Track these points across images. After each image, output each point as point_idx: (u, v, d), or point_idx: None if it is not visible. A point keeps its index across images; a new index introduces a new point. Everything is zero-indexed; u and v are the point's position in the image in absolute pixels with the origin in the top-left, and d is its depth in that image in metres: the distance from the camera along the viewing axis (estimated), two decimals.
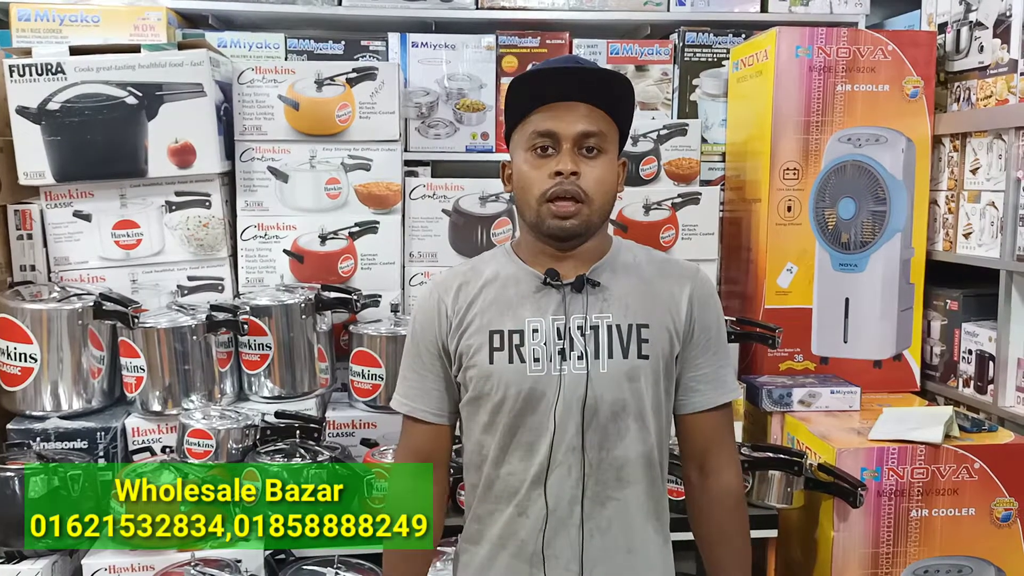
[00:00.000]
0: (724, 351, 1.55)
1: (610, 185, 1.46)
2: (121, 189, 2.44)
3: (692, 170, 2.69)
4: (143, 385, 2.27)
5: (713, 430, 1.55)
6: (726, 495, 1.55)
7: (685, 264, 1.59)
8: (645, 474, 1.49)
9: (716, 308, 1.55)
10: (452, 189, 2.64)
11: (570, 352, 1.45)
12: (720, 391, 1.54)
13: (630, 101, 1.50)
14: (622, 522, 1.49)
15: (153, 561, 2.00)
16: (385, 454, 2.20)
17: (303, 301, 2.37)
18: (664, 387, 1.51)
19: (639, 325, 1.47)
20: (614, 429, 1.47)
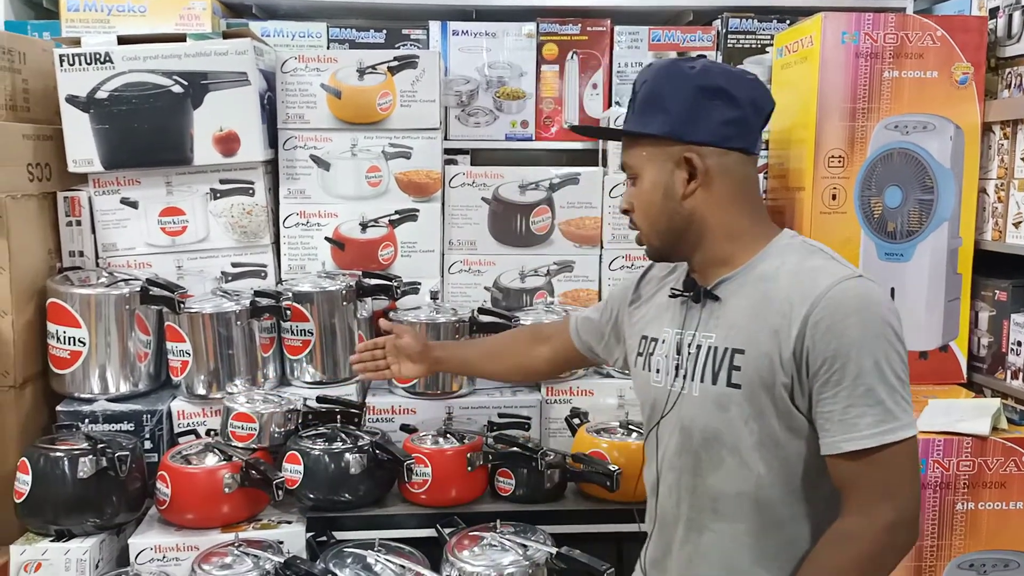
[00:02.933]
0: (861, 388, 1.29)
1: (649, 205, 1.47)
2: (167, 177, 2.48)
3: None
4: (188, 369, 2.31)
5: (842, 479, 1.34)
6: (832, 531, 1.36)
7: (821, 280, 1.34)
8: (750, 514, 1.41)
9: (847, 336, 1.29)
10: (492, 177, 2.64)
11: (680, 369, 1.47)
12: (845, 436, 1.30)
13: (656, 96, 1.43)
14: (721, 556, 1.44)
15: (197, 541, 2.03)
16: (424, 439, 2.21)
17: (344, 288, 2.38)
18: (780, 421, 1.36)
19: (734, 350, 1.40)
20: (706, 457, 1.43)
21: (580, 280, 2.66)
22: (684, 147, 1.43)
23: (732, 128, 1.43)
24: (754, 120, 1.46)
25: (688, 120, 1.41)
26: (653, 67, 1.47)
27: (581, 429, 2.28)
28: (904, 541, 1.33)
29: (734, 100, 1.42)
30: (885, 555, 1.32)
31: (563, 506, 2.18)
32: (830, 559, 1.34)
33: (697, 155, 1.42)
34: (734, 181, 1.45)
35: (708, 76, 1.42)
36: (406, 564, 1.94)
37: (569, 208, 2.65)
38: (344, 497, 2.10)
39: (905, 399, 1.32)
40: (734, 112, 1.42)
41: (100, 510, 2.01)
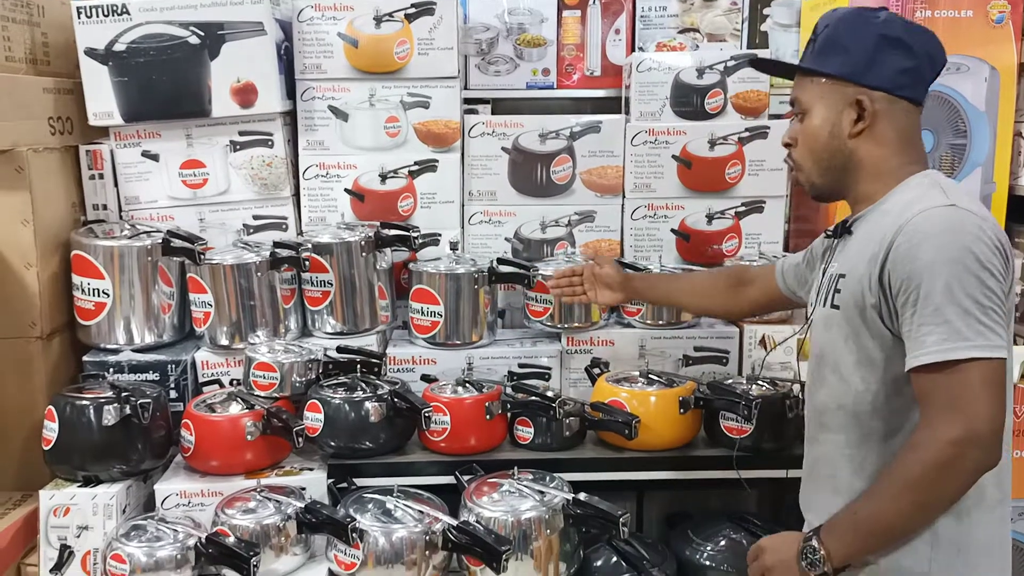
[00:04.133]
0: (929, 308, 1.35)
1: (812, 142, 1.56)
2: (187, 129, 2.48)
3: (761, 103, 2.60)
4: (211, 320, 2.33)
5: (918, 395, 1.40)
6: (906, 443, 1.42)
7: (915, 208, 1.42)
8: (849, 427, 1.52)
9: (921, 259, 1.36)
10: (512, 126, 2.61)
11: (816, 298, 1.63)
12: (914, 352, 1.37)
13: (837, 39, 1.51)
14: (828, 465, 1.58)
15: (221, 487, 2.07)
16: (444, 389, 2.22)
17: (363, 239, 2.38)
18: (875, 341, 1.46)
19: (839, 275, 1.54)
20: (817, 375, 1.60)
21: (602, 230, 2.63)
22: (858, 89, 1.50)
23: (905, 77, 1.50)
24: (927, 72, 1.53)
25: (866, 64, 1.49)
26: (838, 12, 1.55)
27: (601, 378, 2.27)
28: (974, 459, 1.34)
29: (911, 51, 1.50)
30: (949, 469, 1.35)
31: (582, 454, 2.18)
32: (900, 465, 1.40)
33: (868, 98, 1.50)
34: (897, 127, 1.52)
35: (890, 26, 1.50)
36: (424, 509, 1.96)
37: (591, 157, 2.61)
38: (364, 445, 2.12)
39: (981, 323, 1.34)
40: (910, 62, 1.50)
41: (125, 457, 2.05)
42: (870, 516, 1.42)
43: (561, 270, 2.31)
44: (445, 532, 1.91)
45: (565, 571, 1.96)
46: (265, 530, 1.93)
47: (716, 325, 2.52)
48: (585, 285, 2.24)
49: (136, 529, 1.96)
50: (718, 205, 2.62)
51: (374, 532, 1.89)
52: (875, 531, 1.42)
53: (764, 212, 2.63)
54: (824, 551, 1.43)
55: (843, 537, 1.44)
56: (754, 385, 2.22)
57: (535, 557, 1.92)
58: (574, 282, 2.26)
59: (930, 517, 1.42)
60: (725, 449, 2.17)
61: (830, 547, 1.43)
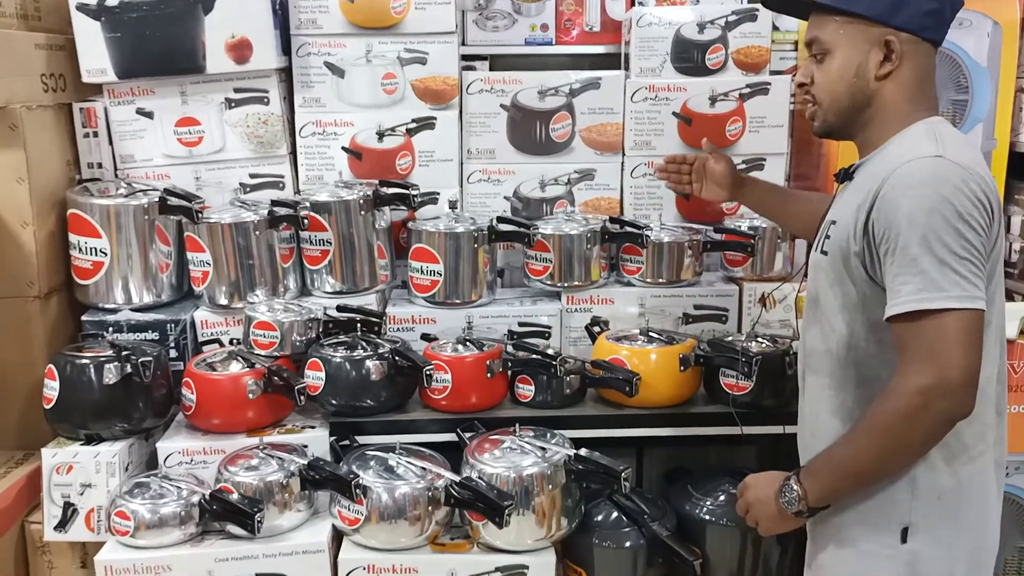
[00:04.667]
0: (906, 258, 1.36)
1: (836, 82, 1.53)
2: (181, 86, 2.45)
3: (761, 58, 2.57)
4: (209, 279, 2.32)
5: (896, 343, 1.40)
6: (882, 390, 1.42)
7: (900, 157, 1.43)
8: (831, 369, 1.55)
9: (903, 208, 1.37)
10: (510, 83, 2.58)
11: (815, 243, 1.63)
12: (891, 301, 1.38)
13: None
14: (812, 407, 1.62)
15: (223, 445, 2.08)
16: (444, 347, 2.22)
17: (362, 197, 2.36)
18: (856, 288, 1.47)
19: (832, 222, 1.55)
20: (809, 317, 1.63)
21: (601, 188, 2.62)
22: (885, 30, 1.48)
23: (930, 19, 1.49)
24: (949, 15, 1.52)
25: (894, 4, 1.47)
26: None
27: (601, 336, 2.28)
28: (941, 408, 1.36)
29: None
30: (917, 416, 1.36)
31: (582, 411, 2.19)
32: (873, 410, 1.43)
33: (896, 39, 1.48)
34: (919, 70, 1.51)
35: None
36: (427, 466, 1.97)
37: (590, 114, 2.59)
38: (365, 403, 2.13)
39: (958, 273, 1.34)
40: (935, 4, 1.49)
41: (127, 415, 2.06)
42: (844, 459, 1.46)
43: (673, 155, 2.29)
44: (448, 488, 1.92)
45: (566, 526, 1.98)
46: (268, 487, 1.94)
47: (716, 284, 2.52)
48: (693, 176, 2.22)
49: (140, 486, 1.97)
50: None
51: (377, 488, 1.91)
52: (848, 474, 1.46)
53: (765, 169, 2.62)
54: (800, 490, 1.48)
55: (819, 478, 1.48)
56: (754, 342, 2.23)
57: (536, 512, 1.93)
58: (683, 170, 2.24)
59: (900, 463, 1.45)
60: (724, 406, 2.18)
61: (807, 487, 1.48)
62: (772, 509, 1.52)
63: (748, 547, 2.10)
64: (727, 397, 2.16)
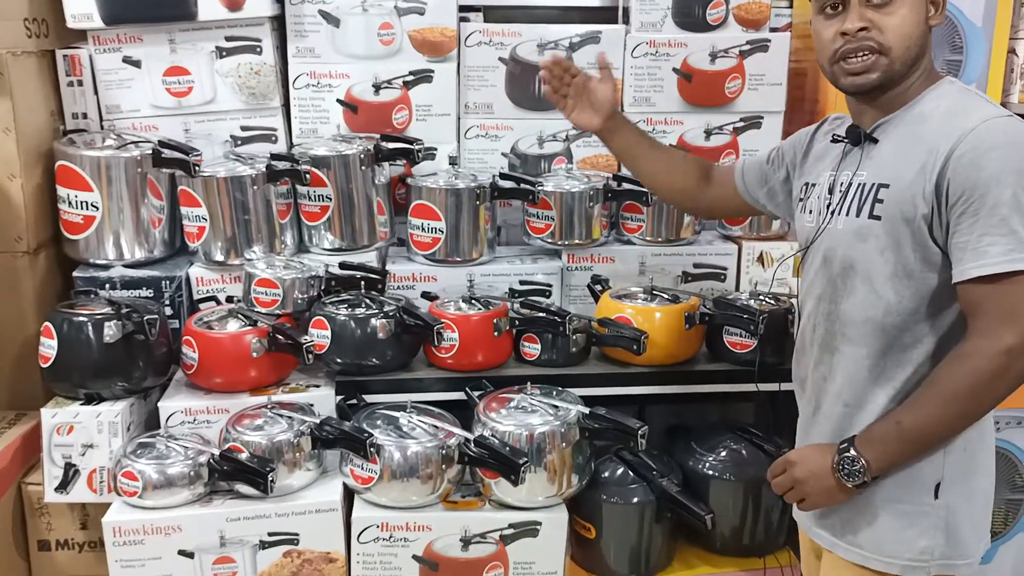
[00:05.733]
0: (995, 218, 1.34)
1: (911, 27, 1.45)
2: (170, 34, 2.35)
3: (762, 15, 2.55)
4: (205, 235, 2.26)
5: (970, 305, 1.39)
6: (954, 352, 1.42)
7: (972, 117, 1.39)
8: (874, 339, 1.50)
9: (987, 169, 1.34)
10: (509, 36, 2.53)
11: (830, 206, 1.56)
12: (975, 262, 1.35)
13: None
14: (844, 375, 1.56)
15: (227, 404, 2.04)
16: (448, 306, 2.20)
17: (362, 151, 2.31)
18: (916, 253, 1.44)
19: (880, 185, 1.48)
20: (843, 286, 1.54)
21: (599, 145, 2.54)
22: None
23: None
24: None
25: None
26: None
27: (605, 295, 2.28)
28: (1022, 367, 1.37)
29: None
30: (1000, 377, 1.38)
31: (588, 370, 2.20)
32: (947, 375, 1.42)
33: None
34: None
35: None
36: (438, 424, 1.97)
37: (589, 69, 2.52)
38: (372, 362, 2.11)
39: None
40: None
41: (128, 374, 2.01)
42: (914, 426, 1.44)
43: (559, 58, 2.03)
44: (461, 446, 1.92)
45: (577, 483, 2.00)
46: (278, 446, 1.92)
47: (715, 243, 2.53)
48: (572, 92, 1.98)
49: (144, 447, 1.93)
50: (716, 120, 2.59)
51: (390, 447, 1.90)
52: (918, 440, 1.45)
53: (762, 128, 2.62)
54: (864, 461, 1.45)
55: (884, 446, 1.46)
56: (755, 301, 2.25)
57: (548, 469, 1.94)
58: (564, 79, 1.98)
59: (970, 425, 1.45)
60: (728, 363, 2.21)
61: (869, 456, 1.45)
62: (829, 482, 1.49)
63: (751, 502, 2.15)
64: (731, 355, 2.19)
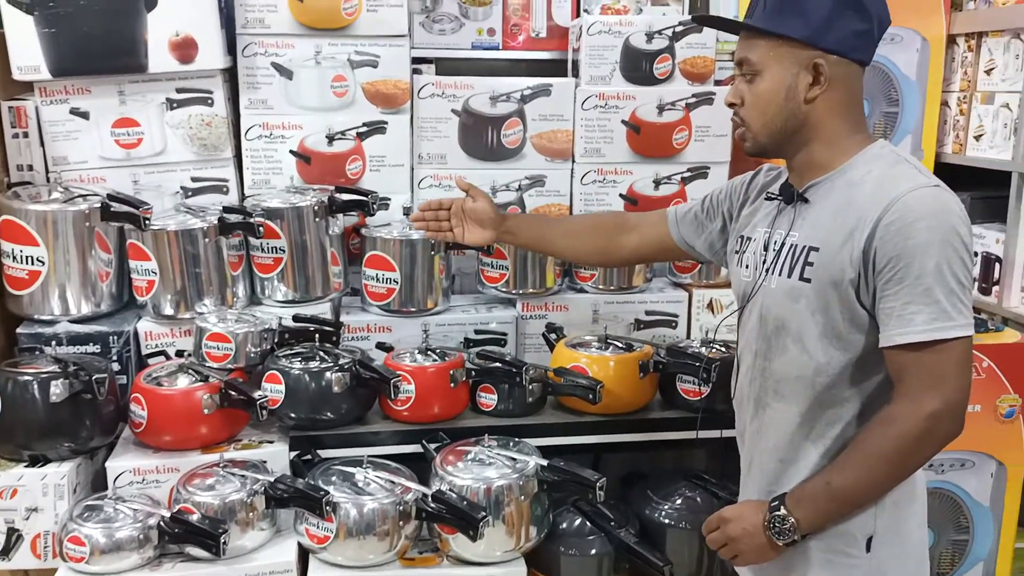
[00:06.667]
0: (920, 287, 1.38)
1: (767, 103, 1.51)
2: (120, 85, 2.33)
3: (707, 69, 2.63)
4: (155, 289, 2.22)
5: (896, 370, 1.43)
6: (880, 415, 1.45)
7: (900, 186, 1.42)
8: (805, 397, 1.53)
9: (914, 238, 1.37)
10: (462, 88, 2.56)
11: (765, 263, 1.59)
12: (901, 329, 1.39)
13: (795, 1, 1.46)
14: (777, 431, 1.59)
15: (177, 463, 2.00)
16: (404, 357, 2.19)
17: (316, 203, 2.31)
18: (844, 315, 1.46)
19: (811, 248, 1.51)
20: (776, 343, 1.57)
21: (552, 195, 2.63)
22: (815, 52, 1.47)
23: (859, 40, 1.49)
24: (877, 35, 1.52)
25: (824, 27, 1.46)
26: None
27: (560, 344, 2.29)
28: (945, 430, 1.42)
29: (867, 13, 1.48)
30: (925, 440, 1.42)
31: (544, 419, 2.20)
32: (874, 437, 1.45)
33: (825, 62, 1.47)
34: (848, 91, 1.51)
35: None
36: (395, 479, 1.95)
37: (541, 121, 2.59)
38: (327, 416, 2.08)
39: (963, 303, 1.40)
40: (864, 25, 1.48)
41: (75, 434, 1.96)
42: (843, 486, 1.46)
43: (428, 201, 2.10)
44: (418, 502, 1.90)
45: (536, 536, 1.99)
46: (230, 506, 1.88)
47: (666, 290, 2.57)
48: (453, 221, 2.07)
49: (92, 509, 1.88)
50: (665, 170, 2.65)
51: (346, 504, 1.87)
52: (847, 500, 1.48)
53: (709, 177, 2.68)
54: (794, 519, 1.48)
55: (814, 506, 1.48)
56: (706, 348, 2.29)
57: (507, 523, 1.93)
58: (440, 216, 2.07)
59: (898, 484, 1.49)
60: (681, 411, 2.23)
61: (799, 515, 1.48)
62: (761, 540, 1.51)
63: (707, 550, 2.15)
64: (684, 403, 2.21)
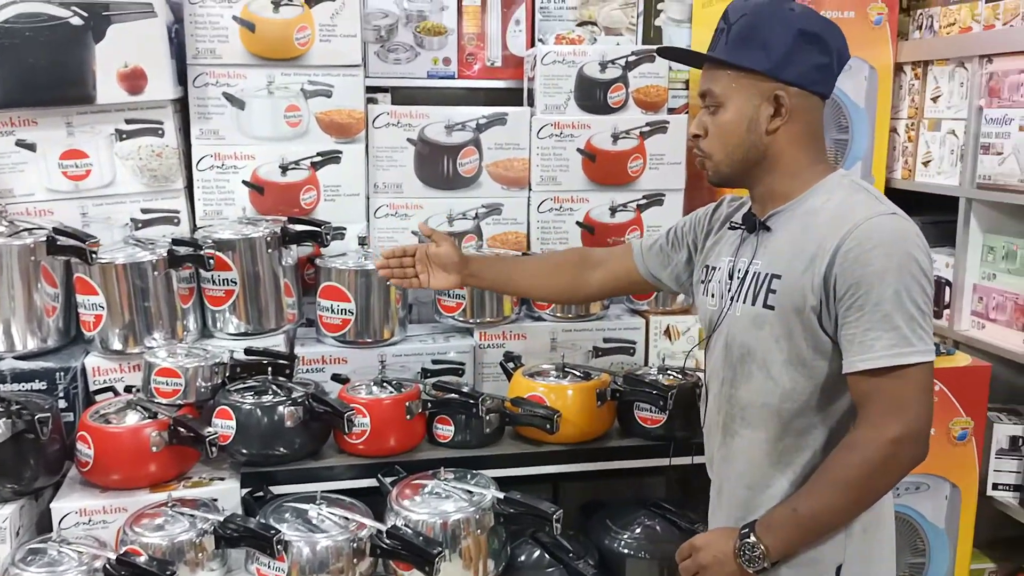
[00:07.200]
0: (879, 314, 1.39)
1: (728, 134, 1.53)
2: (67, 117, 2.30)
3: (660, 98, 2.65)
4: (102, 323, 2.18)
5: (858, 395, 1.45)
6: (844, 441, 1.46)
7: (857, 214, 1.44)
8: (770, 423, 1.55)
9: (872, 265, 1.39)
10: (417, 117, 2.55)
11: (730, 291, 1.61)
12: (862, 356, 1.41)
13: (755, 31, 1.48)
14: (745, 458, 1.60)
15: (125, 502, 1.94)
16: (360, 389, 2.16)
17: (268, 234, 2.28)
18: (807, 342, 1.48)
19: (773, 275, 1.53)
20: (741, 371, 1.59)
21: (509, 223, 2.63)
22: (776, 85, 1.50)
23: (820, 73, 1.52)
24: (837, 69, 1.55)
25: (785, 60, 1.48)
26: (752, 2, 1.53)
27: (517, 373, 2.28)
28: (909, 455, 1.43)
29: (827, 47, 1.51)
30: (888, 466, 1.43)
31: (502, 450, 2.18)
32: (839, 463, 1.45)
33: (786, 94, 1.50)
34: (808, 123, 1.54)
35: (808, 21, 1.50)
36: (349, 515, 1.91)
37: (497, 149, 2.59)
38: (279, 451, 2.05)
39: (923, 328, 1.42)
40: (824, 58, 1.51)
41: (18, 475, 1.89)
42: (811, 513, 1.47)
43: (391, 248, 2.06)
44: (373, 538, 1.87)
45: (494, 569, 1.96)
46: (179, 546, 1.83)
47: (623, 317, 2.57)
48: (418, 267, 2.02)
49: (35, 553, 1.81)
50: (621, 198, 2.66)
51: (299, 543, 1.83)
52: (814, 526, 1.48)
53: (664, 205, 2.70)
54: (763, 547, 1.48)
55: (783, 533, 1.48)
56: (663, 375, 2.29)
57: (464, 557, 1.91)
58: (404, 263, 2.03)
59: (862, 511, 1.49)
60: (639, 439, 2.22)
61: (768, 543, 1.48)
62: (732, 567, 1.50)
63: None
64: (642, 431, 2.21)
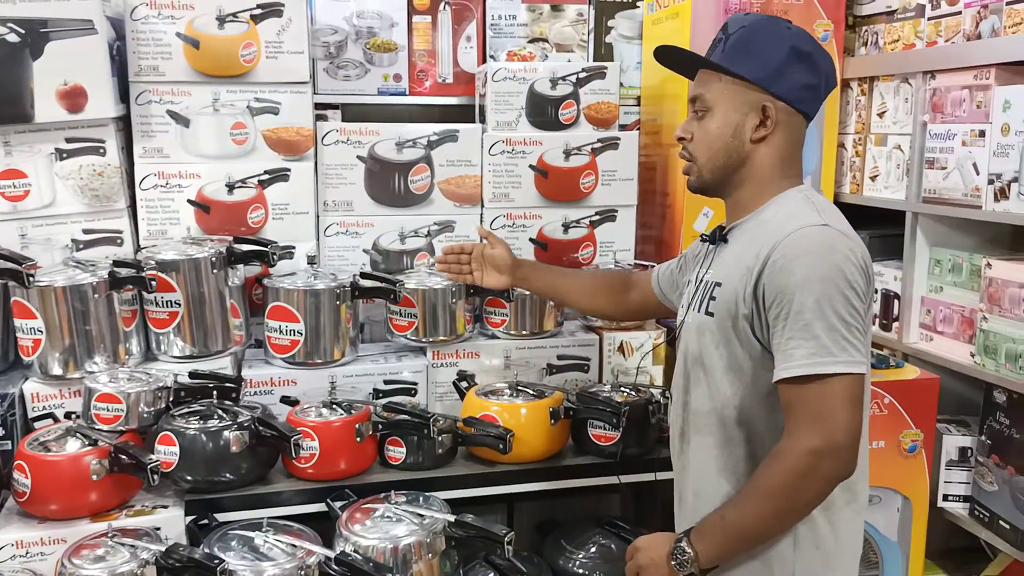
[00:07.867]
0: (800, 323, 1.40)
1: (714, 140, 1.58)
2: (5, 136, 2.24)
3: (611, 114, 2.66)
4: (41, 348, 2.11)
5: (784, 405, 1.45)
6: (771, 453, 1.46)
7: (787, 226, 1.47)
8: (716, 429, 1.58)
9: (794, 275, 1.42)
10: (367, 134, 2.53)
11: (690, 301, 1.66)
12: (783, 364, 1.42)
13: (751, 43, 1.54)
14: (696, 465, 1.63)
15: (64, 533, 1.88)
16: (309, 412, 2.12)
17: (213, 255, 2.23)
18: (744, 349, 1.51)
19: (716, 283, 1.58)
20: (692, 377, 1.63)
21: (461, 240, 2.60)
22: (764, 96, 1.55)
23: (808, 92, 1.57)
24: (823, 91, 1.60)
25: (776, 73, 1.53)
26: (751, 16, 1.59)
27: (470, 392, 2.25)
28: (829, 468, 1.42)
29: (817, 68, 1.56)
30: (808, 477, 1.42)
31: (455, 471, 2.15)
32: (763, 472, 1.46)
33: (773, 107, 1.54)
34: (789, 140, 1.58)
35: (802, 40, 1.56)
36: (296, 542, 1.86)
37: (448, 166, 2.58)
38: (225, 477, 1.99)
39: (847, 339, 1.41)
40: (814, 79, 1.56)
41: None
42: (735, 521, 1.48)
43: (450, 246, 2.30)
44: (322, 565, 1.82)
45: None
46: None
47: (577, 333, 2.56)
48: (473, 265, 2.24)
49: None
50: (573, 214, 2.66)
51: (244, 572, 1.78)
52: (740, 536, 1.49)
53: (617, 221, 2.70)
54: (692, 552, 1.49)
55: (711, 539, 1.49)
56: (617, 392, 2.28)
57: None
58: (462, 260, 2.26)
59: (789, 522, 1.50)
60: (594, 457, 2.21)
61: (698, 549, 1.49)
62: (664, 571, 1.51)
63: None
64: (596, 448, 2.19)
